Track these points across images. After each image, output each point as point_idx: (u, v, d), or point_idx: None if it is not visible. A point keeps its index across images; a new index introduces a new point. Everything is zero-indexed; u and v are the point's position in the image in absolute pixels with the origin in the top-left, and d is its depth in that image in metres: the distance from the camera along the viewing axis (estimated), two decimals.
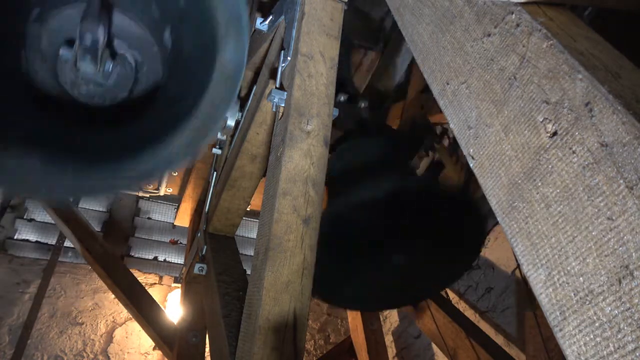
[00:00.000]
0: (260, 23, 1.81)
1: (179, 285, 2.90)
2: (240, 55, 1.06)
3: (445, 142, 3.10)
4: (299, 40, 1.40)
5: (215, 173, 2.37)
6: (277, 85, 1.46)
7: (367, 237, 1.99)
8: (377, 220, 1.95)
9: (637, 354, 0.43)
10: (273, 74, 1.63)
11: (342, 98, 2.30)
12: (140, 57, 1.25)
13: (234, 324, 1.47)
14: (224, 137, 2.32)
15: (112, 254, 2.96)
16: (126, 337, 4.04)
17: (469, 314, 3.27)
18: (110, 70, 1.19)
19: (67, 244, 3.65)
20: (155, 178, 0.96)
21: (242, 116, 2.16)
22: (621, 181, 0.48)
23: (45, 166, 0.94)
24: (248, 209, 2.16)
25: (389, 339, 4.10)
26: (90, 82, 1.18)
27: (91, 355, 3.85)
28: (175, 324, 2.64)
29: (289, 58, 1.42)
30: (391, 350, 4.04)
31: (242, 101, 2.28)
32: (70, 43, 1.15)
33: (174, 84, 1.20)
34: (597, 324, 0.48)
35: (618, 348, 0.45)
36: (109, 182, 0.98)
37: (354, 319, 3.38)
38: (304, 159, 1.24)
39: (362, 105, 2.35)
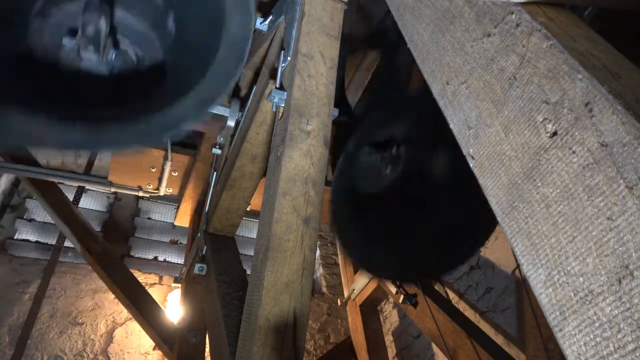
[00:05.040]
0: (260, 23, 1.81)
1: (179, 285, 2.90)
2: (247, 25, 1.12)
3: None
4: (299, 40, 1.40)
5: (215, 173, 2.37)
6: (277, 85, 1.46)
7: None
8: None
9: (637, 354, 0.43)
10: (273, 74, 1.63)
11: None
12: (141, 51, 1.28)
13: (234, 324, 1.47)
14: (223, 139, 2.32)
15: (112, 254, 2.96)
16: (126, 337, 4.03)
17: (469, 314, 3.27)
18: (113, 59, 1.22)
19: (67, 244, 3.65)
20: (164, 137, 1.06)
21: (242, 116, 2.16)
22: (621, 181, 0.48)
23: (52, 121, 1.00)
24: (248, 209, 2.16)
25: (389, 339, 4.10)
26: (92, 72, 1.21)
27: (91, 355, 3.85)
28: (175, 324, 2.64)
29: (289, 58, 1.42)
30: (391, 350, 4.04)
31: (242, 101, 2.28)
32: (73, 33, 1.18)
33: (179, 60, 1.27)
34: (597, 324, 0.48)
35: (618, 348, 0.45)
36: (116, 138, 1.03)
37: (354, 319, 3.38)
38: (304, 159, 1.24)
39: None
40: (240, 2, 1.10)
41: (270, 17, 1.78)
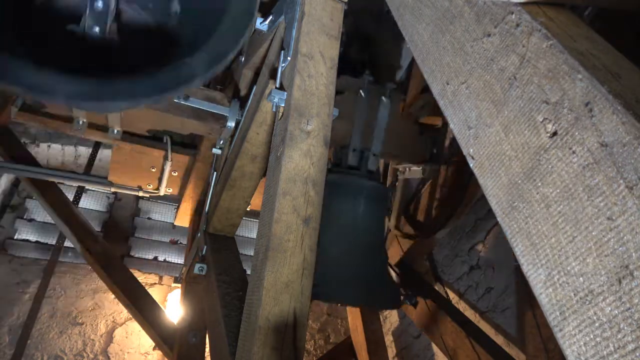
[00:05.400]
0: (260, 23, 1.81)
1: (179, 285, 2.90)
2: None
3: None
4: (299, 40, 1.40)
5: (215, 173, 2.37)
6: (277, 85, 1.46)
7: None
8: None
9: (637, 354, 0.43)
10: (273, 74, 1.63)
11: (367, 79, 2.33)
12: (150, 16, 1.36)
13: (234, 324, 1.47)
14: (222, 141, 2.32)
15: (112, 254, 2.96)
16: (126, 337, 4.04)
17: (469, 314, 3.26)
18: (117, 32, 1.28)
19: (67, 244, 3.65)
20: (174, 92, 1.10)
21: (242, 116, 2.16)
22: (621, 181, 0.48)
23: (62, 75, 1.05)
24: (248, 209, 2.16)
25: (389, 339, 4.09)
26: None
27: (91, 355, 3.86)
28: (175, 324, 2.64)
29: (289, 58, 1.42)
30: (391, 350, 4.04)
31: (242, 101, 2.28)
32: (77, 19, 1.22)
33: (188, 21, 1.33)
34: (597, 324, 0.48)
35: (618, 348, 0.45)
36: (126, 89, 1.06)
37: (354, 319, 3.37)
38: (304, 159, 1.24)
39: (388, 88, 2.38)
40: None
41: (270, 17, 1.77)
